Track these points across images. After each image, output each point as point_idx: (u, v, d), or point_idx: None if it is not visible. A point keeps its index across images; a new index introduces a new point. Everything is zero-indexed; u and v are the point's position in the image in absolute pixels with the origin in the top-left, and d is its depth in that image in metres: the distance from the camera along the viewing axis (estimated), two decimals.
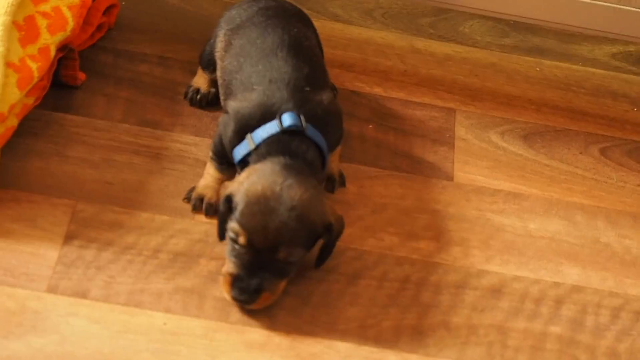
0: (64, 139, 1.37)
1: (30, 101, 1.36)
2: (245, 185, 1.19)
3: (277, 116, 1.25)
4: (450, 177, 1.42)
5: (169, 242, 1.27)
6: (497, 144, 1.48)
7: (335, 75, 1.52)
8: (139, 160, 1.36)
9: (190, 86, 1.46)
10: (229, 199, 1.20)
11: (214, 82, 1.44)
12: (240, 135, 1.26)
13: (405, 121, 1.49)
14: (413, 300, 1.26)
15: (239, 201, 1.19)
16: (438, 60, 1.60)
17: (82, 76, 1.44)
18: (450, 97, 1.54)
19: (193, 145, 1.39)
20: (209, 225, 1.29)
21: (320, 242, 1.23)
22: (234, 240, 1.18)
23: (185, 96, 1.46)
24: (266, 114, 1.25)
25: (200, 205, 1.31)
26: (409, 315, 1.24)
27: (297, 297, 1.24)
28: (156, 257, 1.25)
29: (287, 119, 1.24)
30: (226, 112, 1.31)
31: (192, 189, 1.33)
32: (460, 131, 1.49)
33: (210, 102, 1.45)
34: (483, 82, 1.57)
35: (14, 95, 1.30)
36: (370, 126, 1.47)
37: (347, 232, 1.31)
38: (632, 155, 1.50)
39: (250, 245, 1.17)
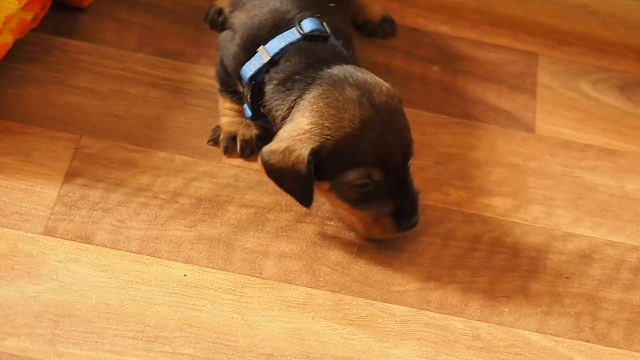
0: (67, 66, 1.42)
1: (29, 17, 1.41)
2: (327, 124, 1.21)
3: (295, 22, 1.28)
4: (531, 129, 1.46)
5: (191, 185, 1.32)
6: (588, 94, 1.52)
7: (393, 10, 1.57)
8: (156, 94, 1.41)
9: (212, 6, 1.51)
10: (315, 154, 1.21)
11: None
12: (248, 50, 1.30)
13: (477, 64, 1.54)
14: (485, 262, 1.30)
15: (335, 146, 1.21)
16: None
17: None
18: (532, 40, 1.58)
19: None
20: (239, 169, 1.34)
21: None
22: (363, 185, 1.22)
23: (206, 18, 1.51)
24: (280, 22, 1.29)
25: (233, 145, 1.35)
26: (480, 279, 1.28)
27: (344, 252, 1.28)
28: (175, 202, 1.30)
29: (308, 24, 1.28)
30: (229, 27, 1.33)
31: (217, 129, 1.37)
32: (544, 78, 1.53)
33: None
34: (572, 25, 1.62)
35: (11, 5, 1.36)
36: (435, 68, 1.52)
37: None
38: None
39: (387, 173, 1.23)
